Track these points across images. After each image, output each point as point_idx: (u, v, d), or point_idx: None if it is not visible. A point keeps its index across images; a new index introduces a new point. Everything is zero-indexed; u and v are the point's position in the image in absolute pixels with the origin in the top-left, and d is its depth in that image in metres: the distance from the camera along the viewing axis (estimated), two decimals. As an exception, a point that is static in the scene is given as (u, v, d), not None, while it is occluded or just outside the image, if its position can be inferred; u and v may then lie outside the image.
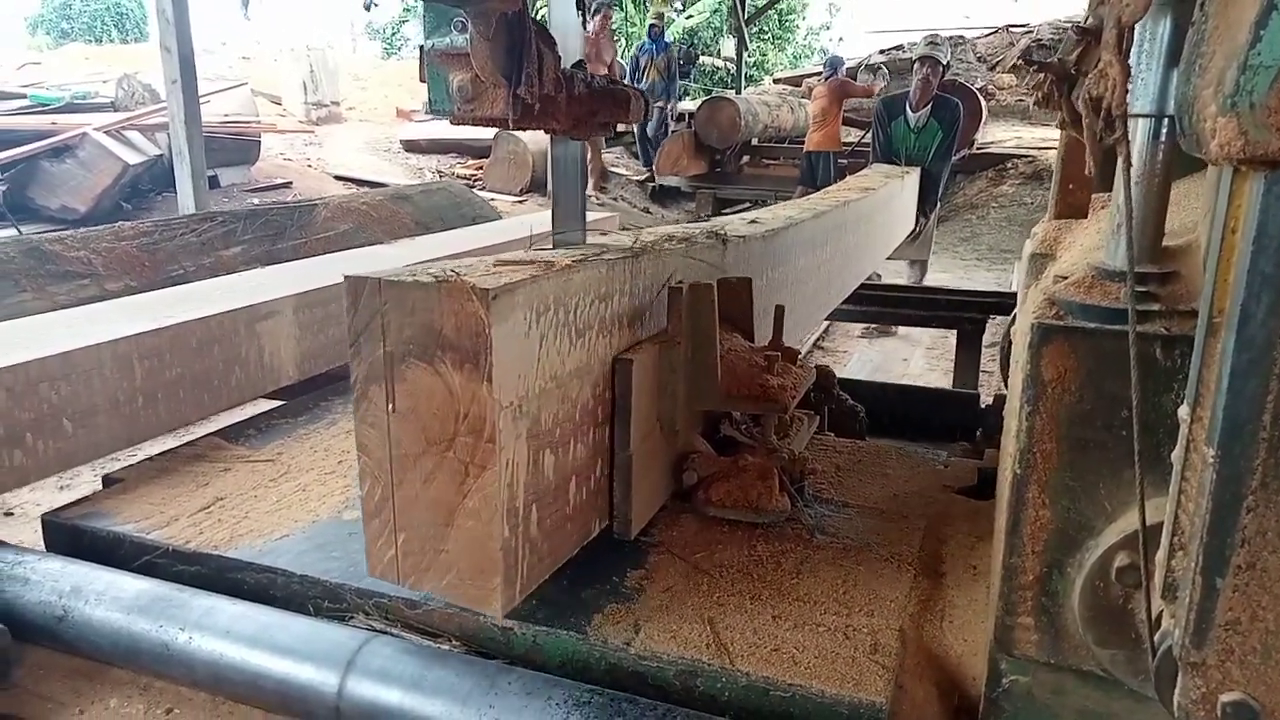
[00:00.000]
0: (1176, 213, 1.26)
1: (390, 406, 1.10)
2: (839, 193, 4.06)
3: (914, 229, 5.91)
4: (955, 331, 4.31)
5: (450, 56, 1.38)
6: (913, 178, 5.70)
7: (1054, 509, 1.05)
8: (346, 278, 1.11)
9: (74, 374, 1.85)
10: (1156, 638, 0.86)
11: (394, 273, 1.10)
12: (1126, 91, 0.77)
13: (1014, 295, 3.05)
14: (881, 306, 4.43)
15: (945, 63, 6.15)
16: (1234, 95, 0.65)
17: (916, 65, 6.14)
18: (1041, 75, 1.16)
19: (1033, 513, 1.06)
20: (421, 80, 1.45)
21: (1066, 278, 1.08)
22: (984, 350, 4.29)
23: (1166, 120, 1.02)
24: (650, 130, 12.75)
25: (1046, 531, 1.06)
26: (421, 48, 1.41)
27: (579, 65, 1.50)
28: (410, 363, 1.08)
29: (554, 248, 1.70)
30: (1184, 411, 0.85)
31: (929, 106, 6.08)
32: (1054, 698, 1.12)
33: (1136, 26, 0.99)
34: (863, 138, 9.27)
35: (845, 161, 9.17)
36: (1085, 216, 1.65)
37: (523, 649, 1.31)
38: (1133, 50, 1.03)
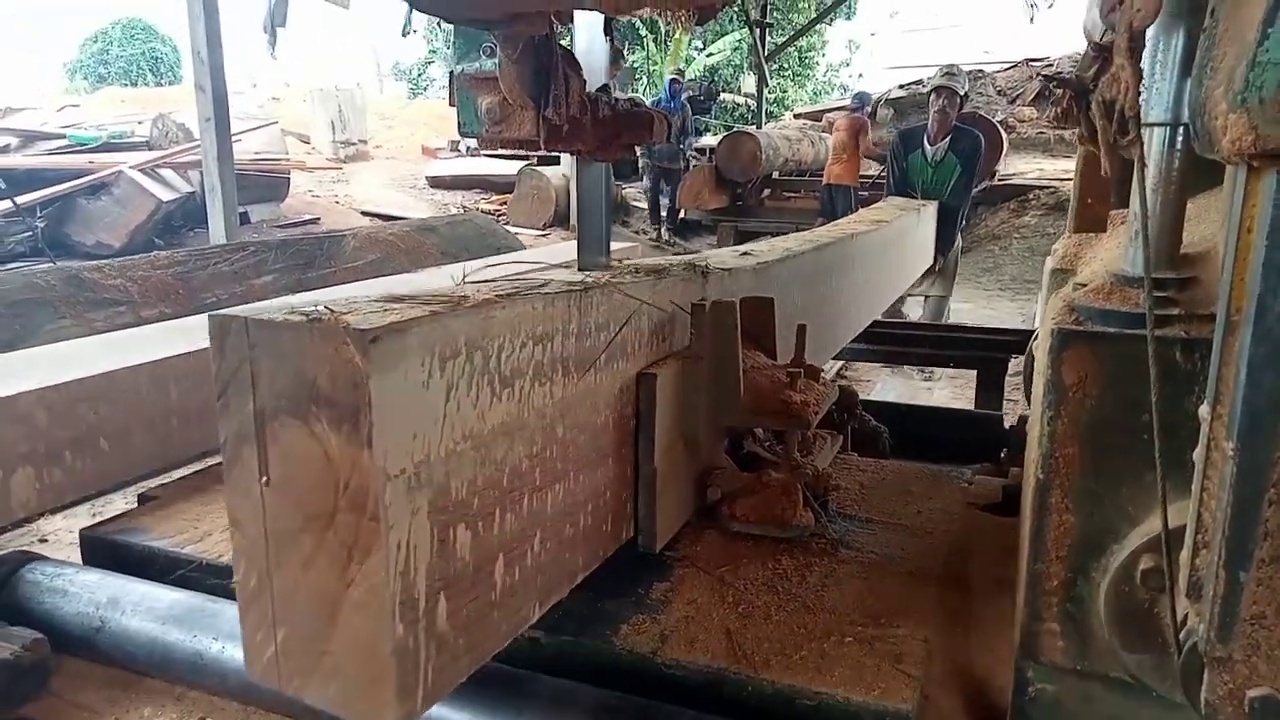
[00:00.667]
0: (1196, 227, 1.28)
1: (263, 475, 0.90)
2: (847, 225, 3.87)
3: (932, 266, 5.63)
4: (975, 372, 4.04)
5: (479, 80, 1.42)
6: (930, 210, 5.45)
7: (1077, 514, 1.05)
8: (211, 317, 0.92)
9: (112, 394, 1.90)
10: (1182, 635, 0.86)
11: (264, 309, 0.91)
12: (1139, 94, 0.79)
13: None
14: (896, 345, 4.21)
15: (963, 93, 5.85)
16: (1244, 91, 0.68)
17: (933, 97, 5.82)
18: (1060, 91, 1.19)
19: (1056, 518, 1.06)
20: (451, 104, 1.50)
21: (1086, 285, 1.10)
22: (1006, 380, 4.15)
23: (1182, 129, 1.04)
24: (665, 198, 12.42)
25: (1070, 536, 1.06)
26: (451, 72, 1.46)
27: (604, 89, 1.54)
28: (283, 421, 0.88)
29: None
30: (1204, 410, 0.86)
31: (947, 139, 5.77)
32: (1082, 705, 1.11)
33: (1151, 38, 1.02)
34: (881, 172, 9.37)
35: (866, 194, 9.18)
36: (1104, 230, 1.67)
37: (550, 658, 1.32)
38: (1148, 61, 1.05)
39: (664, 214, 12.91)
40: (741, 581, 1.47)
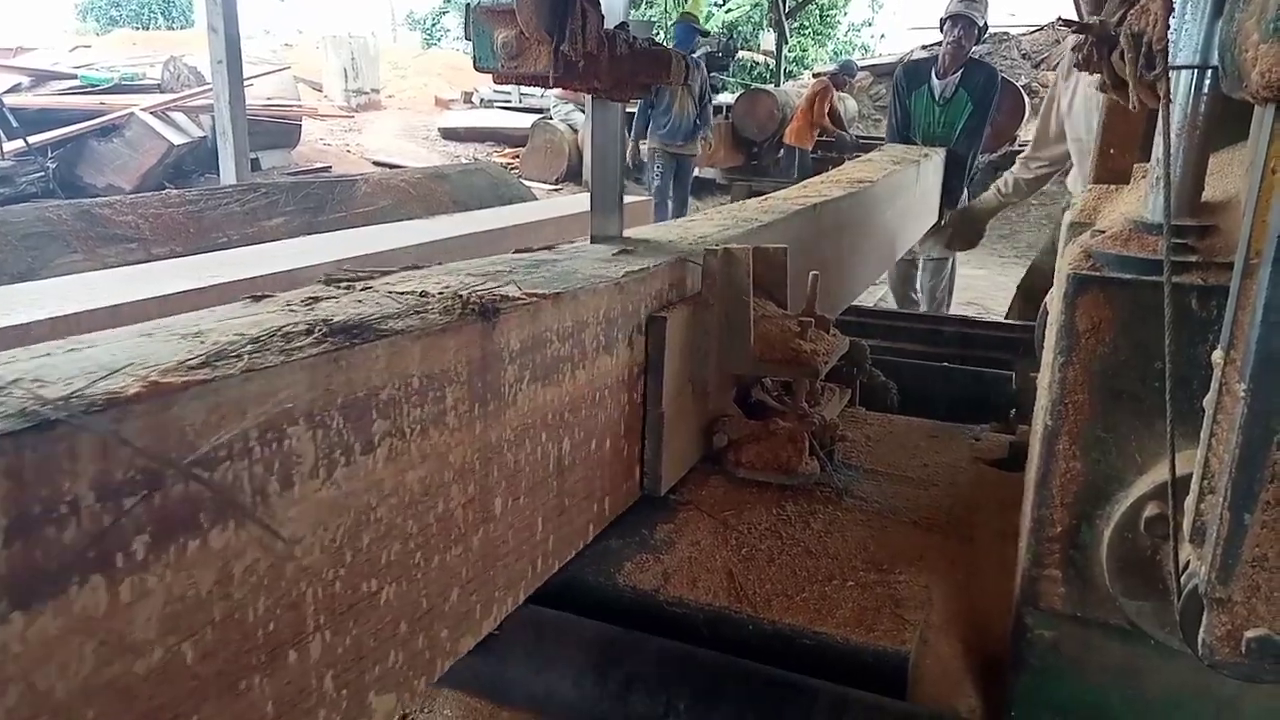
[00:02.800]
0: (1218, 182, 1.26)
1: None
2: (820, 186, 2.99)
3: (936, 223, 4.79)
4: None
5: (496, 13, 1.40)
6: (935, 160, 4.56)
7: (1084, 460, 1.05)
8: None
9: (119, 326, 1.91)
10: (1183, 579, 0.87)
11: None
12: (1168, 26, 0.77)
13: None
14: (882, 340, 3.12)
15: (982, 24, 4.97)
16: (1276, 20, 0.66)
17: (947, 25, 4.92)
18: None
19: (1063, 465, 1.06)
20: (467, 38, 1.48)
21: (1103, 232, 1.09)
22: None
23: (1210, 73, 1.02)
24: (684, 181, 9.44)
25: (1076, 483, 1.06)
26: (468, 5, 1.44)
27: (622, 26, 1.52)
28: None
29: (590, 239, 1.69)
30: (1218, 355, 0.85)
31: (959, 73, 4.91)
32: (1080, 652, 1.12)
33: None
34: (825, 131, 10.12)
35: (818, 154, 9.47)
36: (1126, 182, 1.65)
37: (552, 592, 1.33)
38: (1178, 2, 1.03)
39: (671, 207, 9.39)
40: (745, 525, 1.48)
